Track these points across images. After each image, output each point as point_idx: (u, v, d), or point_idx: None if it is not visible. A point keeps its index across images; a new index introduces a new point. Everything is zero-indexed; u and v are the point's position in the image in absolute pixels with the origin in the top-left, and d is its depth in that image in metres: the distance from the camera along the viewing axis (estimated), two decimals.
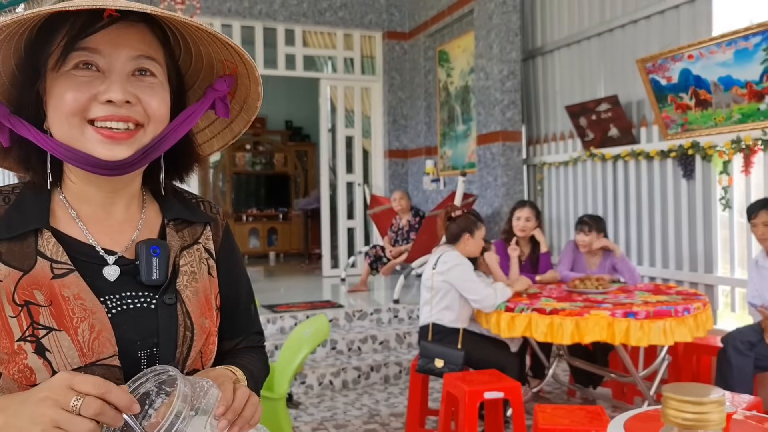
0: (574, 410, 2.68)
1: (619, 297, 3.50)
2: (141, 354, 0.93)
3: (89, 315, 0.89)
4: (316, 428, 3.74)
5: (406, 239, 6.40)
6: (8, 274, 0.88)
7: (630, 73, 4.78)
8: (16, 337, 0.86)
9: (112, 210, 0.98)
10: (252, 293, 1.18)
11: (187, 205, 1.07)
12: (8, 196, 0.94)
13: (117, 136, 0.88)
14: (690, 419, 0.48)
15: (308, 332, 2.98)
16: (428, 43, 7.40)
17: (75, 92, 0.86)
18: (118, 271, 0.94)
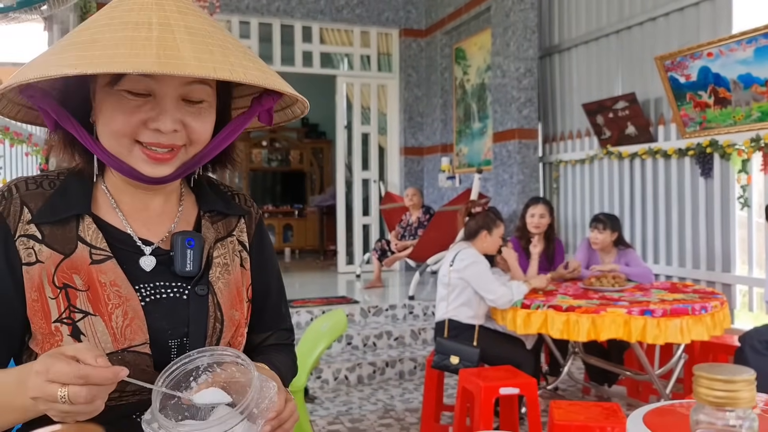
0: (590, 407, 2.68)
1: (636, 295, 3.49)
2: (171, 343, 0.95)
3: (123, 302, 0.92)
4: (332, 422, 3.77)
5: (413, 235, 6.42)
6: (50, 257, 0.91)
7: (648, 70, 4.76)
8: (53, 318, 0.89)
9: (150, 202, 1.00)
10: (283, 289, 1.19)
11: (223, 198, 1.09)
12: (54, 182, 0.97)
13: (161, 158, 0.90)
14: (721, 397, 0.49)
15: (325, 327, 3.00)
16: (445, 41, 7.40)
17: (126, 116, 0.87)
18: (154, 262, 0.97)
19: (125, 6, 0.85)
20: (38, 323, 0.91)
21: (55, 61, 0.78)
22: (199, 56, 0.80)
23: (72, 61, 0.77)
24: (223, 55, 0.83)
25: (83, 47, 0.79)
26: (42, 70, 0.78)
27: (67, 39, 0.84)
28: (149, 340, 0.92)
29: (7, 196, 0.93)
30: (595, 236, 4.09)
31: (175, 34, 0.81)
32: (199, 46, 0.81)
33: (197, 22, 0.85)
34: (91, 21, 0.86)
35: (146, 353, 0.92)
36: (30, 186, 0.95)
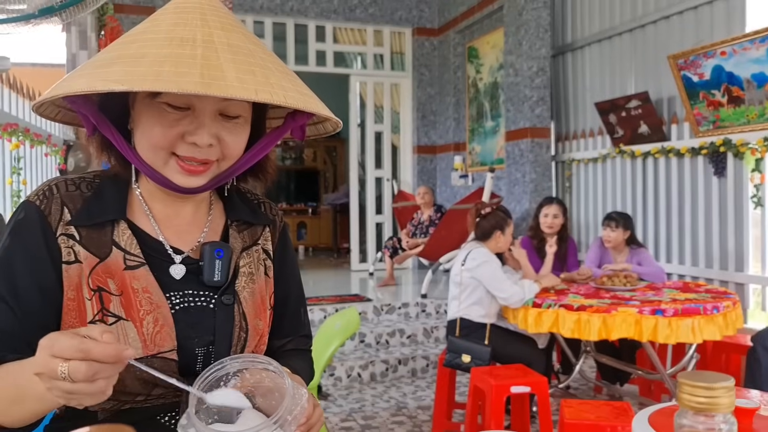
0: (600, 406, 2.70)
1: (647, 294, 3.50)
2: (198, 351, 0.98)
3: (154, 309, 0.94)
4: (345, 419, 3.82)
5: (424, 233, 6.45)
6: (86, 258, 0.94)
7: (661, 69, 4.75)
8: (87, 319, 0.92)
9: (181, 211, 1.03)
10: (303, 296, 1.21)
11: (249, 206, 1.12)
12: (90, 184, 0.99)
13: (195, 170, 0.93)
14: (702, 403, 0.52)
15: (339, 325, 3.04)
16: (458, 40, 7.42)
17: (165, 129, 0.90)
18: (184, 270, 1.00)
19: (170, 20, 0.87)
20: (71, 322, 0.93)
21: (103, 75, 0.81)
22: (242, 77, 0.82)
23: (119, 76, 0.80)
24: (264, 76, 0.85)
25: (130, 62, 0.81)
26: (90, 83, 0.80)
27: (114, 50, 0.86)
28: (177, 346, 0.95)
29: (48, 195, 0.95)
30: (608, 234, 4.09)
31: (219, 52, 0.83)
32: (241, 66, 0.83)
33: (240, 39, 0.88)
34: (137, 33, 0.88)
35: (173, 359, 0.95)
36: (69, 187, 0.97)
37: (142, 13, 6.52)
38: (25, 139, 3.52)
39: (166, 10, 0.92)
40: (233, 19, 0.92)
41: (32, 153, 3.97)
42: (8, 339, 0.89)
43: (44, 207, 0.94)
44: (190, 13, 0.89)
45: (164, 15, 0.90)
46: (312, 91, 0.95)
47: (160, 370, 0.90)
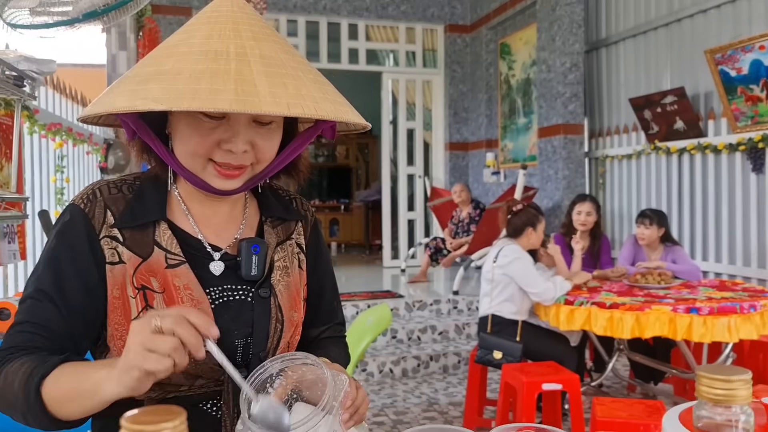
0: (633, 404, 2.69)
1: (682, 292, 3.47)
2: (237, 342, 1.02)
3: (195, 305, 0.99)
4: (377, 414, 3.86)
5: (466, 231, 6.45)
6: (130, 258, 0.99)
7: (698, 64, 4.68)
8: (132, 316, 0.98)
9: (218, 210, 1.08)
10: (335, 286, 1.25)
11: (282, 203, 1.17)
12: (132, 186, 1.05)
13: (231, 174, 0.97)
14: (720, 395, 0.55)
15: (371, 321, 3.08)
16: (490, 36, 7.39)
17: (201, 137, 0.94)
18: (222, 267, 1.04)
19: (204, 32, 0.91)
20: (117, 319, 0.98)
21: (142, 93, 0.85)
22: (274, 91, 0.85)
23: (158, 94, 0.83)
24: (296, 88, 0.87)
25: (167, 79, 0.85)
26: (131, 102, 0.85)
27: (151, 64, 0.90)
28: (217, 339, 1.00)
29: (92, 199, 1.01)
30: (642, 232, 4.05)
31: (252, 65, 0.86)
32: (273, 79, 0.86)
33: (272, 49, 0.91)
34: (172, 46, 0.91)
35: None
36: (111, 190, 1.03)
37: (178, 13, 6.64)
38: (68, 138, 3.63)
39: (198, 20, 0.95)
40: (265, 27, 0.95)
41: (75, 151, 4.09)
42: (54, 335, 0.94)
43: (88, 210, 1.00)
44: (222, 23, 0.92)
45: (197, 26, 0.93)
46: (342, 95, 0.98)
47: (202, 362, 0.95)
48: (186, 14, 6.69)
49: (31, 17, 2.20)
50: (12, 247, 2.40)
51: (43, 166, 3.50)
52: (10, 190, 2.14)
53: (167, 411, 0.45)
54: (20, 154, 2.23)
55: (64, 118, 3.75)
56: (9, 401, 0.90)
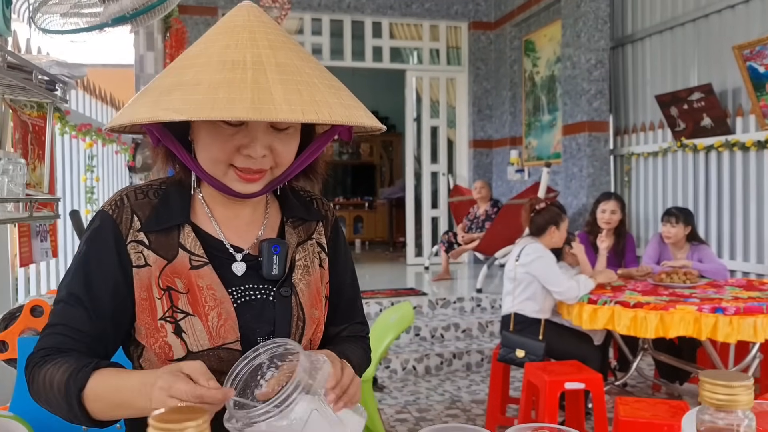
0: (657, 404, 2.68)
1: (708, 292, 3.43)
2: (260, 340, 1.05)
3: (218, 304, 1.03)
4: (400, 411, 3.89)
5: (480, 228, 6.45)
6: (155, 261, 1.04)
7: (725, 60, 4.62)
8: (158, 316, 1.02)
9: (240, 212, 1.12)
10: (356, 285, 1.28)
11: (303, 203, 1.20)
12: (158, 191, 1.09)
13: (251, 178, 1.01)
14: (722, 399, 0.56)
15: (393, 319, 3.11)
16: (514, 33, 7.36)
17: (222, 144, 0.98)
18: (244, 267, 1.08)
19: (222, 42, 0.95)
20: (145, 319, 1.03)
21: (164, 103, 0.89)
22: (289, 98, 0.88)
23: (178, 104, 0.88)
24: (310, 94, 0.91)
25: (187, 90, 0.89)
26: (153, 113, 0.90)
27: (171, 76, 0.94)
28: (240, 338, 1.04)
29: (120, 205, 1.06)
30: (668, 230, 4.02)
31: (268, 74, 0.90)
32: (289, 86, 0.90)
33: (287, 57, 0.94)
34: (192, 56, 0.95)
35: (237, 350, 1.03)
36: (138, 196, 1.08)
37: (205, 13, 6.72)
38: (97, 139, 3.71)
39: (217, 30, 0.99)
40: (281, 35, 0.98)
41: (104, 151, 4.18)
42: (85, 337, 1.00)
43: (116, 216, 1.05)
44: (239, 32, 0.95)
45: (215, 36, 0.97)
46: (356, 99, 1.01)
47: (226, 360, 1.01)
48: (212, 14, 6.76)
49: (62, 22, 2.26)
50: (44, 245, 2.47)
51: (74, 165, 3.58)
52: (42, 190, 2.21)
53: (191, 410, 0.48)
54: (52, 156, 2.29)
55: (93, 119, 3.84)
56: (50, 403, 0.97)
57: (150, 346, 1.03)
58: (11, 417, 1.50)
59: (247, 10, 1.00)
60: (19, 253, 2.27)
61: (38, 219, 1.92)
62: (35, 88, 1.67)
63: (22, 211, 1.91)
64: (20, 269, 2.77)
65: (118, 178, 4.63)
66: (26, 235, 2.30)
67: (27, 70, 1.64)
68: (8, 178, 1.65)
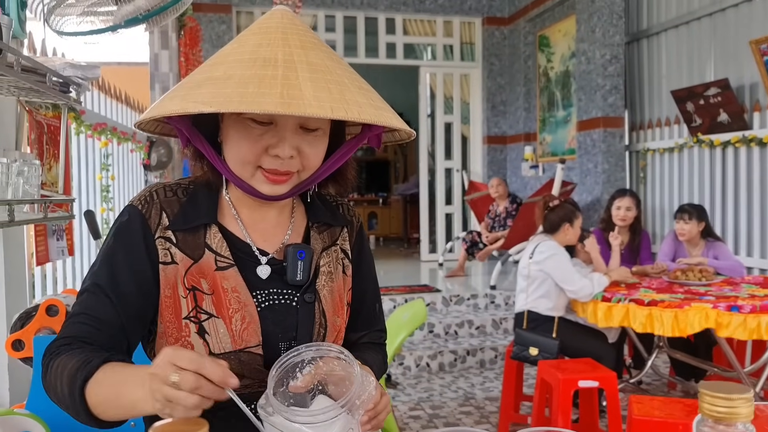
0: (671, 402, 2.65)
1: (724, 290, 3.40)
2: (281, 345, 1.06)
3: (242, 307, 1.03)
4: (413, 408, 3.90)
5: (502, 226, 6.42)
6: (182, 260, 1.04)
7: (742, 55, 4.56)
8: (183, 315, 1.02)
9: (267, 215, 1.12)
10: (378, 292, 1.28)
11: (329, 209, 1.20)
12: (186, 190, 1.10)
13: (278, 180, 1.01)
14: (722, 412, 0.56)
15: (407, 316, 3.11)
16: (528, 28, 7.31)
17: (251, 144, 0.99)
18: (269, 271, 1.08)
19: (255, 41, 0.96)
20: (168, 317, 1.03)
21: (194, 97, 0.90)
22: (319, 95, 0.89)
23: (208, 98, 0.88)
24: (340, 93, 0.91)
25: (217, 84, 0.90)
26: (183, 105, 0.90)
27: (202, 73, 0.95)
28: (262, 342, 1.03)
29: (149, 200, 1.06)
30: (682, 227, 3.98)
31: (298, 72, 0.90)
32: (318, 84, 0.90)
33: (318, 57, 0.95)
34: (224, 55, 0.97)
35: (259, 354, 1.03)
36: (167, 193, 1.08)
37: (219, 11, 6.75)
38: (112, 137, 3.75)
39: (250, 31, 1.00)
40: (313, 37, 0.99)
41: (119, 150, 4.21)
42: (108, 327, 0.99)
43: (145, 211, 1.05)
44: (272, 33, 0.96)
45: (248, 36, 0.98)
46: (386, 103, 1.00)
47: (247, 363, 1.01)
48: (226, 11, 6.79)
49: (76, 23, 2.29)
50: (60, 244, 2.50)
51: (89, 165, 3.61)
52: (57, 190, 2.24)
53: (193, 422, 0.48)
54: (67, 156, 2.32)
55: (108, 118, 3.87)
56: (57, 396, 0.95)
57: (170, 345, 1.03)
58: (28, 415, 1.52)
59: (281, 13, 1.01)
60: (36, 252, 2.30)
61: (53, 220, 1.95)
62: (49, 90, 1.69)
63: (37, 212, 1.93)
64: (36, 268, 2.81)
65: (133, 176, 4.66)
66: (42, 234, 2.33)
67: (41, 73, 1.66)
68: (23, 179, 1.68)
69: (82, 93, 1.97)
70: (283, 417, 0.86)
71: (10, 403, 2.09)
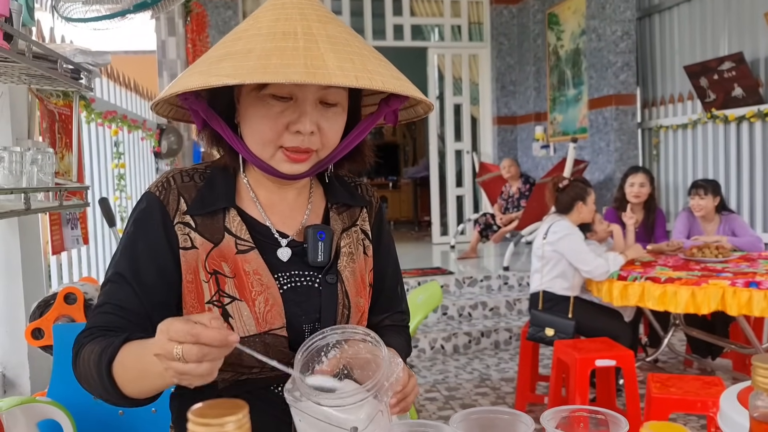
0: (689, 380, 2.64)
1: (741, 266, 3.37)
2: (305, 327, 1.05)
3: (265, 289, 1.02)
4: (429, 390, 3.90)
5: (516, 207, 6.39)
6: (202, 244, 1.03)
7: (757, 28, 4.49)
8: (205, 300, 1.02)
9: (285, 196, 1.11)
10: (399, 273, 1.26)
11: (348, 189, 1.18)
12: (203, 174, 1.08)
13: (299, 159, 1.00)
14: None
15: (421, 299, 3.10)
16: (537, 6, 7.23)
17: (272, 121, 0.97)
18: (290, 253, 1.07)
19: (271, 16, 0.94)
20: (191, 302, 1.03)
21: (215, 71, 0.88)
22: (342, 65, 0.88)
23: (230, 71, 0.87)
24: (362, 63, 0.91)
25: (238, 58, 0.89)
26: (205, 80, 0.88)
27: (220, 49, 0.94)
28: (286, 324, 1.03)
29: (167, 186, 1.05)
30: (697, 203, 3.94)
31: (319, 44, 0.90)
32: (341, 55, 0.89)
33: (336, 30, 0.94)
34: (241, 30, 0.95)
35: (283, 336, 1.02)
36: (185, 178, 1.07)
37: None
38: (123, 125, 3.74)
39: (265, 8, 0.98)
40: (328, 11, 0.98)
41: (130, 138, 4.21)
42: (132, 316, 1.00)
43: (163, 197, 1.04)
44: (289, 8, 0.95)
45: (264, 12, 0.97)
46: (405, 76, 0.99)
47: (272, 346, 1.00)
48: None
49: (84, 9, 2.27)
50: (75, 232, 2.50)
51: (101, 153, 3.61)
52: (71, 179, 2.23)
53: (232, 405, 0.47)
54: (80, 144, 2.31)
55: (118, 106, 3.86)
56: (89, 383, 0.97)
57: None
58: (49, 402, 1.52)
59: None
60: (51, 241, 2.30)
61: (68, 208, 1.94)
62: (60, 77, 1.68)
63: (52, 200, 1.93)
64: (52, 257, 2.82)
65: (144, 164, 4.66)
66: (57, 223, 2.33)
67: (52, 60, 1.64)
68: (37, 167, 1.67)
69: (93, 79, 1.96)
70: (311, 401, 0.85)
71: (32, 392, 2.10)
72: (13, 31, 1.35)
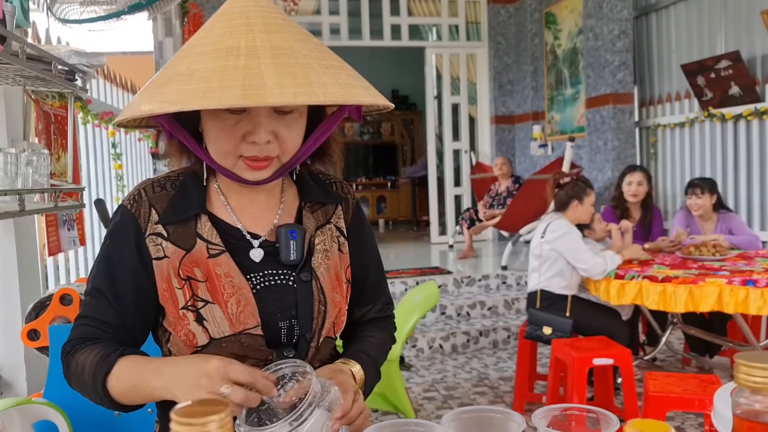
0: (687, 378, 2.65)
1: (738, 264, 3.37)
2: (282, 324, 1.07)
3: (237, 291, 1.04)
4: (427, 389, 3.90)
5: (502, 205, 6.40)
6: (174, 252, 1.05)
7: (754, 26, 4.50)
8: (180, 306, 1.04)
9: (256, 198, 1.12)
10: (381, 266, 1.28)
11: (322, 187, 1.19)
12: (175, 182, 1.10)
13: (259, 166, 1.01)
14: (759, 382, 0.54)
15: (419, 298, 3.11)
16: (534, 5, 7.23)
17: (227, 133, 0.99)
18: (262, 253, 1.09)
19: (219, 30, 0.95)
20: (169, 309, 1.05)
21: (160, 96, 0.90)
22: (282, 81, 0.87)
23: (173, 96, 0.89)
24: (305, 76, 0.89)
25: (182, 81, 0.90)
26: (151, 105, 0.90)
27: (171, 67, 0.95)
28: (261, 323, 1.05)
29: (138, 199, 1.07)
30: (695, 202, 3.95)
31: (260, 59, 0.89)
32: (281, 70, 0.89)
33: (282, 39, 0.93)
34: (190, 47, 0.96)
35: (259, 335, 1.05)
36: (156, 189, 1.09)
37: None
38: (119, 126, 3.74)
39: (216, 18, 0.99)
40: (279, 18, 0.97)
41: (127, 139, 4.21)
42: (111, 328, 1.05)
43: (135, 210, 1.07)
44: (237, 18, 0.95)
45: (213, 23, 0.98)
46: (358, 78, 0.98)
47: (249, 346, 1.04)
48: None
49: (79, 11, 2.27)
50: (72, 233, 2.50)
51: (97, 154, 3.61)
52: (67, 180, 2.23)
53: (214, 404, 0.47)
54: (75, 145, 2.31)
55: (115, 107, 3.86)
56: (83, 387, 1.03)
57: (176, 333, 1.06)
58: (45, 404, 1.52)
59: None
60: (47, 242, 2.30)
61: (64, 209, 1.94)
62: (55, 78, 1.68)
63: (47, 201, 1.93)
64: (49, 258, 2.82)
65: (142, 164, 4.66)
66: (53, 224, 2.33)
67: (46, 61, 1.64)
68: (33, 169, 1.67)
69: (88, 81, 1.96)
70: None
71: (28, 392, 2.10)
72: (7, 32, 1.35)
